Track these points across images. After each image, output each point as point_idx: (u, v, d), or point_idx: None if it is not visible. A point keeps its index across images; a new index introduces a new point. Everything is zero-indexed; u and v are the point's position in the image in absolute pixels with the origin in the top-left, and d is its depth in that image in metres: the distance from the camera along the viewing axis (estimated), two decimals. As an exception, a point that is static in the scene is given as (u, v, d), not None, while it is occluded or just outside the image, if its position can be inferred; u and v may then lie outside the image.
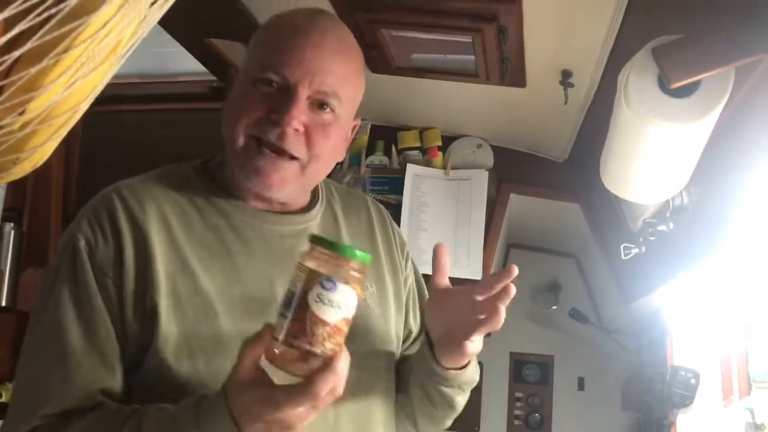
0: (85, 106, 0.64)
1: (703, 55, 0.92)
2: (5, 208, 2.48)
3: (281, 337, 0.75)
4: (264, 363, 0.78)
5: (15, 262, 2.46)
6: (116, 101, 2.56)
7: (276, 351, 0.76)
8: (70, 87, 0.59)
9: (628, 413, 2.42)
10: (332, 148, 1.02)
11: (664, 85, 0.97)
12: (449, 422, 1.18)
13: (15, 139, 0.61)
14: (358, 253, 0.77)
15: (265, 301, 0.97)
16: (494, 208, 2.17)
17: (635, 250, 1.61)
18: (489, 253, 2.11)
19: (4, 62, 0.52)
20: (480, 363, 1.28)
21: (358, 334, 1.00)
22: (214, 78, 2.33)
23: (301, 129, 0.97)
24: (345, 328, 0.77)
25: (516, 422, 2.55)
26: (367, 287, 1.08)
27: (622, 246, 1.63)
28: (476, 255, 2.09)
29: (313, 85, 0.96)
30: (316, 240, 0.78)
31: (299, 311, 0.75)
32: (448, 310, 0.99)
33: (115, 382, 0.93)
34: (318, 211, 1.10)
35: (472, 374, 1.06)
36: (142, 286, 0.93)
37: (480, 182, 2.15)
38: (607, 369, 2.49)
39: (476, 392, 1.29)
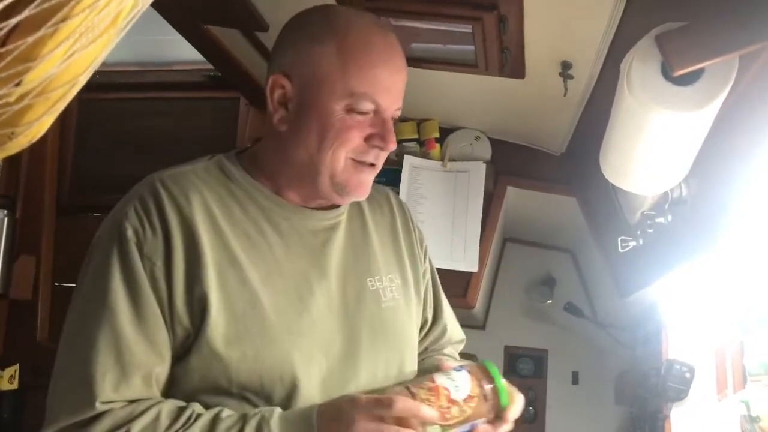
0: (83, 80, 0.62)
1: (706, 42, 0.91)
2: (-2, 195, 2.47)
3: None
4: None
5: (8, 250, 2.45)
6: (112, 89, 2.55)
7: None
8: (69, 58, 0.57)
9: (621, 407, 2.42)
10: None
11: (667, 72, 0.96)
12: None
13: (11, 113, 0.60)
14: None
15: (302, 294, 1.05)
16: (491, 201, 2.16)
17: (632, 243, 1.60)
18: (485, 247, 2.11)
19: (0, 30, 0.51)
20: (473, 356, 1.29)
21: (388, 322, 1.12)
22: (211, 67, 2.31)
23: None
24: None
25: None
26: (393, 279, 1.16)
27: (619, 239, 1.63)
28: (472, 248, 2.09)
29: (394, 106, 1.06)
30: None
31: None
32: None
33: (164, 368, 0.98)
34: (345, 207, 1.16)
35: None
36: (191, 276, 0.97)
37: (477, 175, 2.14)
38: (601, 363, 2.49)
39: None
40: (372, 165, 1.07)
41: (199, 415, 0.95)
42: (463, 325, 1.41)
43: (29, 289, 2.45)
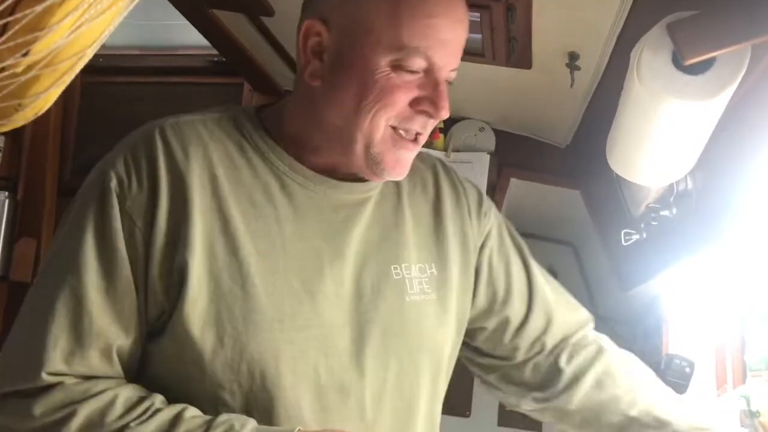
0: (91, 53, 0.62)
1: (718, 31, 0.91)
2: (0, 177, 2.46)
3: None
4: None
5: (9, 232, 2.45)
6: (116, 72, 2.54)
7: None
8: (76, 30, 0.57)
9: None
10: None
11: (678, 61, 0.95)
12: None
13: (18, 84, 0.59)
14: None
15: (307, 276, 0.89)
16: (494, 193, 2.16)
17: (636, 237, 1.60)
18: (487, 238, 2.10)
19: (9, -3, 0.51)
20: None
21: (411, 319, 0.95)
22: (215, 52, 2.30)
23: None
24: None
25: (507, 408, 2.54)
26: (425, 269, 0.99)
27: (622, 232, 1.62)
28: (474, 239, 2.08)
29: (451, 65, 0.90)
30: None
31: None
32: None
33: (128, 343, 0.85)
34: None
35: None
36: (174, 241, 0.84)
37: (481, 166, 2.14)
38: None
39: (468, 377, 1.23)
40: (415, 141, 0.91)
41: (158, 410, 0.82)
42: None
43: (29, 272, 2.44)
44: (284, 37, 1.99)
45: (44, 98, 0.63)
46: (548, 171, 2.19)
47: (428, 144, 2.18)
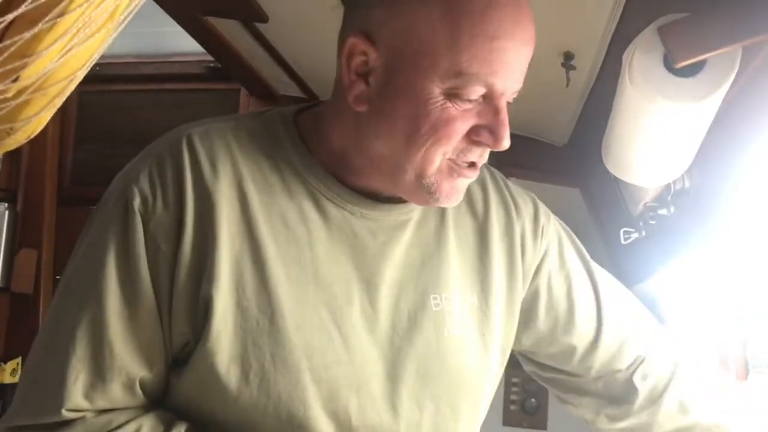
0: (81, 75, 0.62)
1: (709, 33, 0.91)
2: (-1, 188, 2.47)
3: None
4: None
5: (9, 243, 2.46)
6: (112, 81, 2.54)
7: None
8: (66, 54, 0.57)
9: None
10: None
11: (669, 63, 0.95)
12: None
13: (9, 108, 0.59)
14: None
15: (337, 308, 0.82)
16: (492, 193, 2.16)
17: (635, 235, 1.60)
18: (486, 238, 2.10)
19: (-3, 25, 0.51)
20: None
21: (450, 354, 0.87)
22: (211, 58, 2.30)
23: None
24: None
25: (512, 407, 2.55)
26: (467, 299, 0.90)
27: (621, 231, 1.62)
28: (474, 239, 2.08)
29: (514, 89, 0.82)
30: None
31: None
32: None
33: (151, 375, 0.80)
34: None
35: None
36: (200, 269, 0.78)
37: (479, 166, 2.13)
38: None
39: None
40: (472, 167, 0.82)
41: None
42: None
43: (30, 283, 2.45)
44: (279, 42, 1.99)
45: (36, 121, 0.63)
46: (546, 170, 2.18)
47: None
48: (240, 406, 0.78)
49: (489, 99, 0.79)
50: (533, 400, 2.53)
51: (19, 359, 2.39)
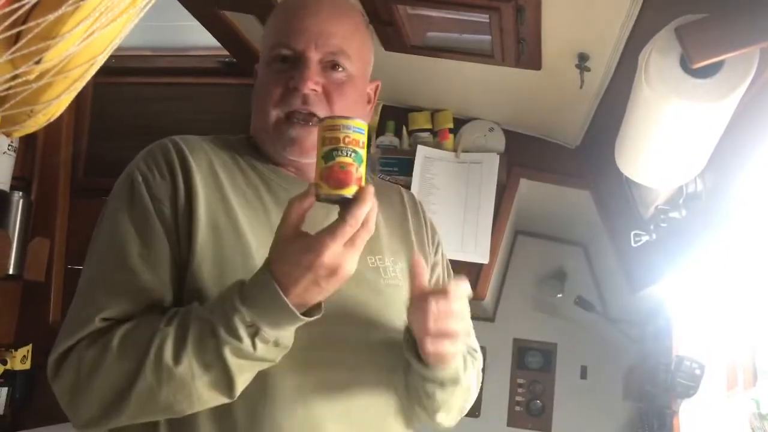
0: (102, 59, 0.63)
1: (727, 35, 0.90)
2: (14, 177, 2.48)
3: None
4: None
5: (23, 231, 2.47)
6: (128, 73, 2.56)
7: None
8: (88, 37, 0.58)
9: (630, 402, 2.42)
10: (353, 105, 1.08)
11: (686, 64, 0.95)
12: (442, 417, 1.15)
13: (30, 90, 0.60)
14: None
15: None
16: (504, 193, 2.16)
17: (645, 238, 1.59)
18: (497, 238, 2.10)
19: (22, 6, 0.51)
20: (483, 348, 1.26)
21: (389, 303, 1.08)
22: (226, 53, 2.31)
23: (319, 89, 1.04)
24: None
25: (517, 408, 2.55)
26: (396, 263, 1.13)
27: (632, 233, 1.62)
28: (484, 239, 2.09)
29: (318, 47, 1.04)
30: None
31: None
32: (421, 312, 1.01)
33: (169, 296, 0.98)
34: None
35: (452, 373, 1.05)
36: (189, 217, 0.99)
37: (490, 166, 2.14)
38: (610, 358, 2.48)
39: (478, 377, 1.24)
40: (304, 119, 1.04)
41: (175, 312, 0.94)
42: (472, 317, 1.39)
43: (43, 271, 2.47)
44: (294, 38, 2.00)
45: (56, 104, 0.64)
46: (558, 171, 2.18)
47: (438, 145, 2.19)
48: None
49: (296, 59, 1.05)
50: (538, 401, 2.53)
51: (29, 346, 2.40)
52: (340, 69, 1.06)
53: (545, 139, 2.19)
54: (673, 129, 1.04)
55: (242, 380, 0.90)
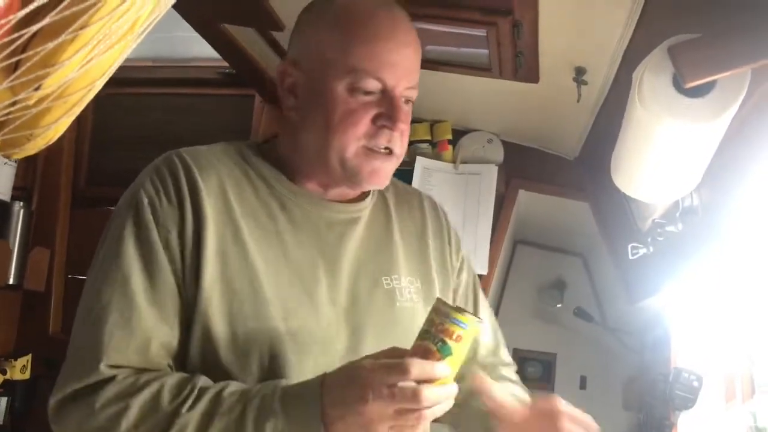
0: (100, 84, 0.64)
1: (719, 55, 0.91)
2: (15, 187, 2.50)
3: None
4: None
5: (23, 241, 2.48)
6: (129, 84, 2.57)
7: None
8: (87, 64, 0.59)
9: (629, 413, 2.42)
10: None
11: (678, 84, 0.96)
12: None
13: (30, 115, 0.61)
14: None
15: (306, 284, 1.00)
16: (502, 204, 2.17)
17: (643, 251, 1.60)
18: (495, 249, 2.11)
19: (21, 36, 0.52)
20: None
21: (402, 322, 1.05)
22: (226, 64, 2.33)
23: (407, 129, 1.03)
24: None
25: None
26: (413, 282, 1.10)
27: (629, 246, 1.63)
28: (483, 250, 2.10)
29: (404, 84, 1.00)
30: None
31: None
32: None
33: (173, 338, 0.95)
34: (370, 202, 1.12)
35: None
36: (197, 246, 0.95)
37: (489, 177, 2.15)
38: (610, 368, 2.49)
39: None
40: (389, 152, 1.01)
41: (201, 391, 0.90)
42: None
43: (43, 281, 2.47)
44: (294, 50, 2.01)
45: (55, 128, 0.65)
46: (557, 183, 2.19)
47: (437, 156, 2.20)
48: (230, 356, 0.94)
49: (385, 92, 0.99)
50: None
51: (29, 356, 2.41)
52: (409, 103, 1.04)
53: (544, 150, 2.20)
54: (666, 147, 1.05)
55: None
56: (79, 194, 2.63)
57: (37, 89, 0.58)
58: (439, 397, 0.83)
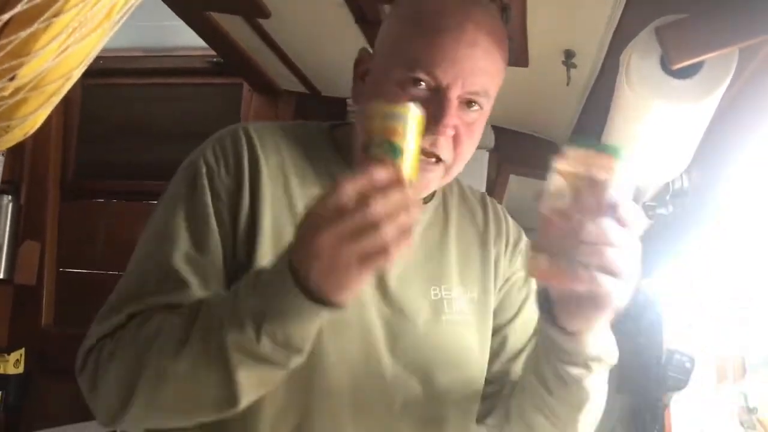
0: (78, 74, 0.63)
1: (706, 35, 0.91)
2: (3, 181, 2.49)
3: None
4: None
5: (13, 235, 2.47)
6: (116, 74, 2.55)
7: None
8: (62, 53, 0.58)
9: (623, 396, 2.43)
10: (474, 145, 0.97)
11: (666, 65, 0.96)
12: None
13: (5, 106, 0.60)
14: None
15: None
16: (494, 190, 2.17)
17: (634, 234, 1.60)
18: (487, 234, 2.11)
19: (-7, 25, 0.51)
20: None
21: (446, 336, 0.98)
22: (214, 53, 2.31)
23: (452, 133, 0.91)
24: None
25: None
26: (467, 292, 1.03)
27: (620, 229, 1.62)
28: (475, 236, 2.09)
29: (465, 85, 0.90)
30: None
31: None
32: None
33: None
34: (431, 205, 1.05)
35: (603, 347, 0.84)
36: (251, 223, 0.91)
37: (480, 162, 2.14)
38: (602, 352, 2.49)
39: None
40: (435, 159, 0.91)
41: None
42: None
43: (34, 274, 2.46)
44: (281, 38, 1.99)
45: (33, 119, 0.64)
46: (547, 167, 2.18)
47: (427, 142, 2.19)
48: None
49: (436, 90, 0.89)
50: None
51: (22, 350, 2.41)
52: (475, 107, 0.92)
53: (534, 135, 2.20)
54: (655, 129, 1.05)
55: (246, 386, 0.77)
56: (68, 186, 2.61)
57: (11, 80, 0.57)
58: (390, 196, 0.69)
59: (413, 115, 0.76)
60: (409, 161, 0.75)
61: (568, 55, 1.62)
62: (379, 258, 0.69)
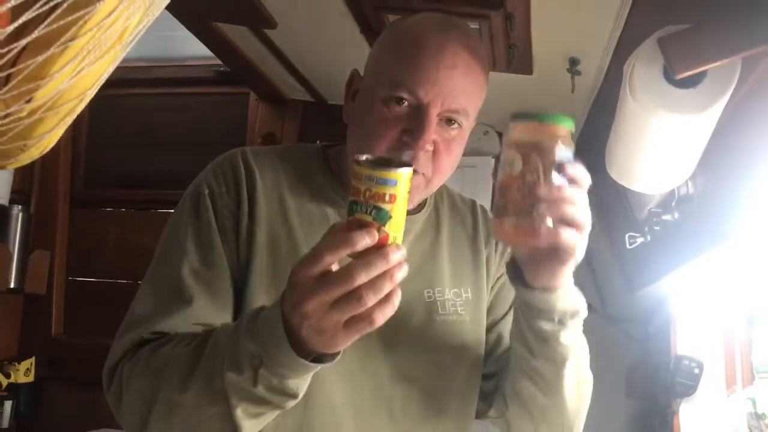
0: (91, 94, 0.64)
1: (709, 45, 0.91)
2: (13, 191, 2.50)
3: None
4: None
5: (23, 244, 2.49)
6: (123, 85, 2.57)
7: None
8: (77, 75, 0.59)
9: (632, 401, 2.43)
10: (455, 161, 1.02)
11: (669, 75, 0.96)
12: (569, 402, 1.03)
13: (22, 126, 0.62)
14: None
15: None
16: (500, 196, 2.17)
17: (640, 240, 1.61)
18: (494, 241, 2.11)
19: (11, 50, 0.53)
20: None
21: (443, 334, 1.03)
22: (220, 62, 2.33)
23: (431, 148, 0.95)
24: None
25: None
26: (460, 294, 1.07)
27: (627, 235, 1.63)
28: (481, 242, 2.10)
29: (445, 104, 0.94)
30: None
31: None
32: None
33: (219, 320, 0.94)
34: (423, 215, 1.10)
35: (572, 301, 0.90)
36: (249, 238, 0.98)
37: (485, 169, 2.15)
38: (611, 357, 2.49)
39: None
40: (415, 171, 0.93)
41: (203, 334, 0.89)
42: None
43: (44, 284, 2.48)
44: (288, 48, 2.01)
45: (48, 138, 0.66)
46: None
47: (433, 149, 2.20)
48: None
49: (418, 107, 0.94)
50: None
51: (32, 359, 2.42)
52: (454, 125, 0.97)
53: (540, 141, 2.20)
54: (659, 139, 1.05)
55: (246, 421, 0.82)
56: (77, 196, 2.64)
57: (28, 101, 0.59)
58: (372, 265, 0.70)
59: (405, 178, 0.73)
60: (397, 223, 0.74)
61: (573, 62, 1.63)
62: (364, 325, 0.72)
